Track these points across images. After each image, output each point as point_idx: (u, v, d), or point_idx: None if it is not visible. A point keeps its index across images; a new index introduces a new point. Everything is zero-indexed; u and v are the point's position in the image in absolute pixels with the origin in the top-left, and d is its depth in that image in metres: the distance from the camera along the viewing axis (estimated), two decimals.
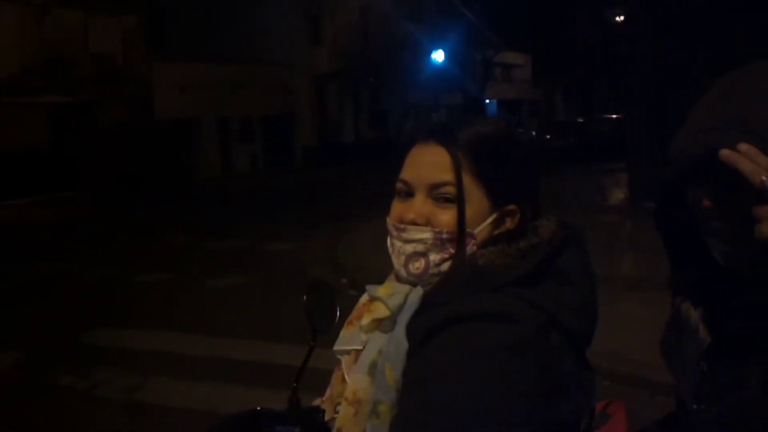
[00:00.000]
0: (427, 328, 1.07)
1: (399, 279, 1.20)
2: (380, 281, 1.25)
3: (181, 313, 7.75)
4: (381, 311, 1.16)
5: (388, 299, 1.16)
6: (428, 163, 1.16)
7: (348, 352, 1.21)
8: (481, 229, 1.16)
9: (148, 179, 20.78)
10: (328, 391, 1.29)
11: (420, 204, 1.16)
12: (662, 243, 1.27)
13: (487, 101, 39.68)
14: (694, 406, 1.20)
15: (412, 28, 29.92)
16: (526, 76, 47.12)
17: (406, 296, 1.16)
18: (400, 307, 1.15)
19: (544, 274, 1.11)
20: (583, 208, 12.93)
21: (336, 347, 1.23)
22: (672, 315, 1.26)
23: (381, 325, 1.16)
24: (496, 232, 1.16)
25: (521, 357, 1.02)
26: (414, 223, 1.16)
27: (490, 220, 1.16)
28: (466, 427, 0.97)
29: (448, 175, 1.14)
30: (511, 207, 1.17)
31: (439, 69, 31.01)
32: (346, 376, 1.19)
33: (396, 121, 35.06)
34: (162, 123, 24.28)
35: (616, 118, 28.92)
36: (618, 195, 15.55)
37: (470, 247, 1.15)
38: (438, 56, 30.79)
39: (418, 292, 1.16)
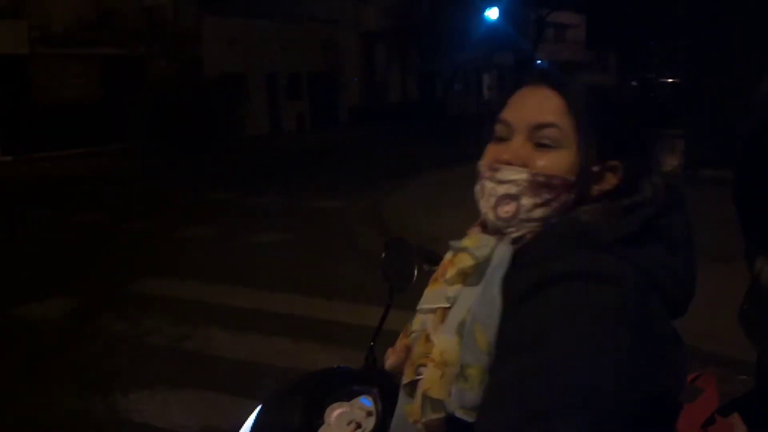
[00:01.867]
0: (530, 284, 1.01)
1: (484, 225, 1.15)
2: (424, 241, 1.20)
3: (228, 266, 7.83)
4: (467, 261, 1.10)
5: (474, 249, 1.11)
6: (535, 105, 1.12)
7: (433, 311, 1.14)
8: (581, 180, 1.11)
9: (195, 134, 20.96)
10: (400, 347, 1.21)
11: (518, 145, 1.11)
12: (718, 210, 1.26)
13: (539, 62, 38.99)
14: None
15: None
16: (580, 37, 46.16)
17: (492, 249, 1.10)
18: (487, 259, 1.09)
19: (648, 235, 1.06)
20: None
21: (420, 306, 1.17)
22: (751, 284, 1.21)
23: (468, 278, 1.10)
24: (597, 187, 1.11)
25: (624, 322, 0.97)
26: (509, 164, 1.11)
27: (597, 169, 1.11)
28: (574, 396, 0.92)
29: (554, 117, 1.09)
30: (615, 163, 1.11)
31: (492, 27, 30.48)
32: (431, 336, 1.11)
33: (444, 82, 34.69)
34: (211, 78, 24.40)
35: (672, 82, 28.18)
36: (672, 162, 15.21)
37: (566, 195, 1.09)
38: (492, 14, 30.23)
39: (507, 247, 1.09)
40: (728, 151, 11.79)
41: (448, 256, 1.17)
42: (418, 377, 1.11)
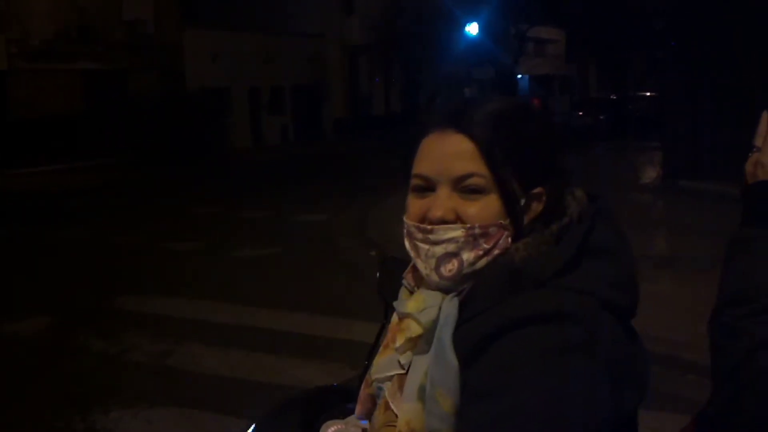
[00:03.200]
0: (481, 337, 0.99)
1: (429, 285, 1.11)
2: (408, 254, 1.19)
3: (210, 281, 7.80)
4: (414, 329, 1.08)
5: (419, 315, 1.08)
6: (449, 155, 1.08)
7: (390, 378, 1.13)
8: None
9: (178, 148, 20.89)
10: (363, 397, 1.22)
11: (445, 198, 1.08)
12: (699, 222, 1.26)
13: (519, 76, 39.25)
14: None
15: (446, 0, 29.58)
16: (560, 52, 46.50)
17: (440, 308, 1.07)
18: (435, 322, 1.06)
19: (582, 254, 1.04)
20: (615, 186, 12.78)
21: (375, 375, 1.16)
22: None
23: (417, 345, 1.08)
24: (526, 218, 1.08)
25: (586, 355, 0.96)
26: (443, 221, 1.07)
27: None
28: None
29: (473, 165, 1.06)
30: (538, 189, 1.08)
31: (473, 42, 30.67)
32: (391, 404, 1.10)
33: (427, 95, 34.83)
34: (193, 92, 24.34)
35: (650, 95, 28.49)
36: (651, 173, 15.35)
37: (504, 239, 1.07)
38: (472, 29, 30.45)
39: (453, 301, 1.07)
40: (704, 162, 11.89)
41: (395, 320, 1.16)
42: None
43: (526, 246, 1.05)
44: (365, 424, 1.24)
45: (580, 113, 28.74)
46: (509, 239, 1.07)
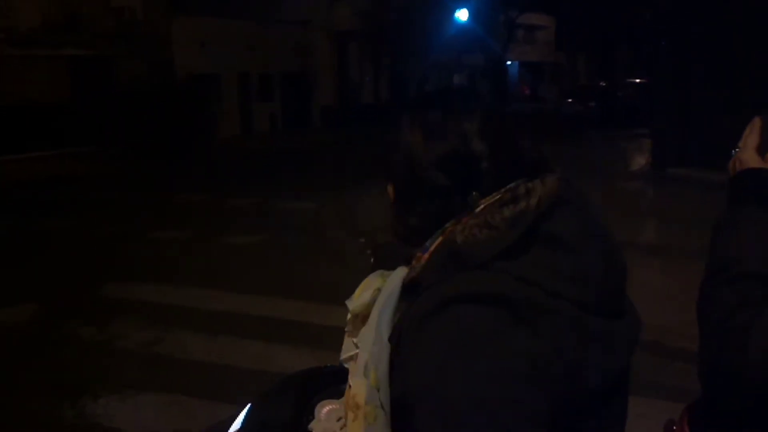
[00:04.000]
0: (418, 316, 1.01)
1: None
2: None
3: (198, 269, 7.79)
4: (348, 315, 1.19)
5: (353, 302, 1.17)
6: None
7: (353, 359, 1.18)
8: None
9: (166, 135, 20.77)
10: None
11: None
12: (688, 210, 1.30)
13: (509, 63, 39.25)
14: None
15: None
16: (549, 39, 46.48)
17: (375, 291, 1.13)
18: (369, 305, 1.13)
19: (532, 241, 1.02)
20: (604, 174, 12.82)
21: (341, 357, 1.23)
22: None
23: (352, 327, 1.18)
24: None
25: (514, 340, 0.95)
26: None
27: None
28: (468, 421, 0.93)
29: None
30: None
31: (462, 28, 30.62)
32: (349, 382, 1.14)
33: (417, 82, 34.78)
34: (181, 79, 24.20)
35: (639, 82, 28.54)
36: (640, 161, 15.40)
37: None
38: (462, 15, 30.39)
39: (396, 277, 1.11)
40: (692, 150, 11.96)
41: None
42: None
43: (470, 227, 1.03)
44: None
45: (570, 100, 28.77)
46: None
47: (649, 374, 4.23)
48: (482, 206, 1.05)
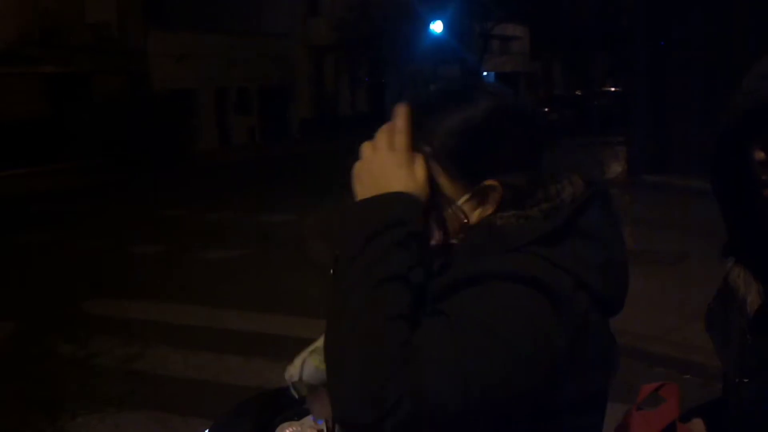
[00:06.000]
0: (445, 285, 1.00)
1: None
2: None
3: (178, 284, 7.75)
4: None
5: None
6: None
7: None
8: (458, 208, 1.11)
9: (144, 150, 20.66)
10: (311, 420, 1.30)
11: None
12: (662, 216, 1.26)
13: (485, 74, 39.47)
14: (736, 380, 1.17)
15: None
16: (524, 49, 46.84)
17: None
18: None
19: (566, 233, 1.05)
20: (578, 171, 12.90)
21: None
22: (721, 285, 1.22)
23: None
24: (482, 209, 1.10)
25: (549, 323, 0.97)
26: None
27: (464, 198, 1.09)
28: (493, 386, 0.93)
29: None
30: (489, 182, 1.09)
31: (438, 40, 30.76)
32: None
33: (393, 94, 34.87)
34: (158, 94, 24.10)
35: (614, 91, 28.81)
36: (616, 168, 15.52)
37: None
38: (436, 27, 30.53)
39: None
40: (668, 157, 12.02)
41: None
42: None
43: (509, 216, 1.07)
44: (321, 424, 1.24)
45: (546, 110, 28.96)
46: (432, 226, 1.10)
47: (626, 379, 4.25)
48: (516, 200, 1.09)
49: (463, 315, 0.96)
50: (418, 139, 1.11)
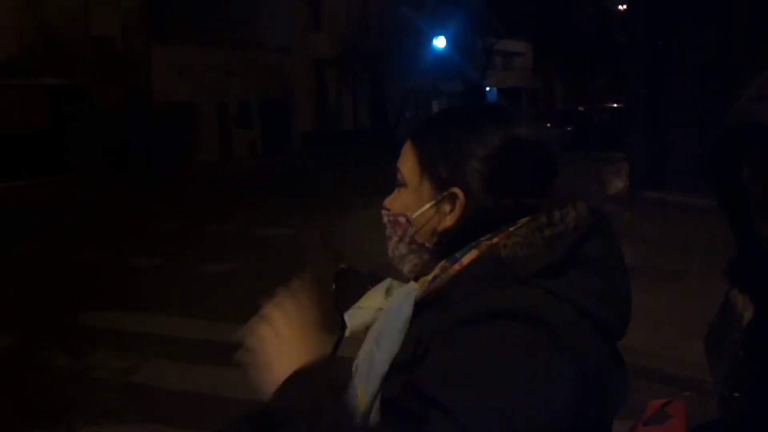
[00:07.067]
0: (456, 324, 1.01)
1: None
2: (375, 267, 1.25)
3: (177, 296, 7.73)
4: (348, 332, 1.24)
5: (350, 319, 1.24)
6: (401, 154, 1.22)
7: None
8: (420, 213, 1.15)
9: (145, 163, 20.71)
10: None
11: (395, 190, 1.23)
12: (661, 233, 1.26)
13: (488, 89, 39.59)
14: (726, 394, 1.16)
15: (413, 14, 29.74)
16: (526, 65, 47.02)
17: (375, 312, 1.18)
18: (369, 324, 1.18)
19: (570, 262, 1.06)
20: (581, 197, 12.90)
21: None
22: (723, 301, 1.22)
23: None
24: (451, 216, 1.13)
25: (558, 361, 0.98)
26: (384, 207, 1.23)
27: (428, 205, 1.14)
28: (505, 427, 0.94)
29: (403, 162, 1.20)
30: (453, 190, 1.12)
31: (440, 55, 30.87)
32: None
33: (395, 109, 34.97)
34: (160, 107, 24.17)
35: (615, 107, 28.86)
36: (617, 184, 15.53)
37: (406, 229, 1.17)
38: (439, 42, 30.64)
39: (402, 294, 1.15)
40: (669, 173, 12.02)
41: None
42: None
43: (513, 244, 1.07)
44: None
45: (548, 125, 29.02)
46: (413, 229, 1.16)
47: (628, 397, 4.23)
48: (519, 225, 1.09)
49: (458, 399, 0.96)
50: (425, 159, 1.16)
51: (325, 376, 1.18)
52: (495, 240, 1.08)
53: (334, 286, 1.53)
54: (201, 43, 26.20)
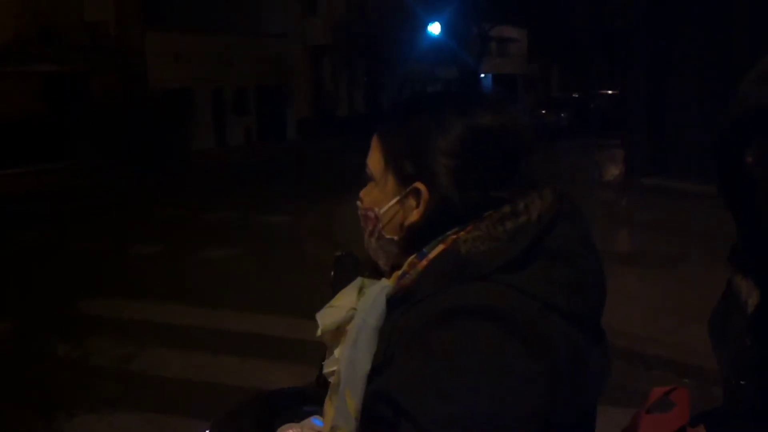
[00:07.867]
0: (419, 325, 1.01)
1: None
2: None
3: (175, 284, 7.73)
4: (318, 331, 1.19)
5: (321, 317, 1.19)
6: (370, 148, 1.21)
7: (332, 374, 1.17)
8: (387, 209, 1.14)
9: (141, 150, 20.63)
10: (312, 421, 1.27)
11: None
12: (659, 219, 1.24)
13: (483, 75, 39.51)
14: (733, 381, 1.16)
15: (408, 0, 29.62)
16: (522, 51, 46.88)
17: (350, 309, 1.14)
18: (342, 323, 1.14)
19: (534, 255, 1.03)
20: (578, 183, 12.91)
21: (324, 371, 1.22)
22: (726, 288, 1.21)
23: (329, 339, 1.18)
24: (417, 210, 1.11)
25: (517, 359, 0.96)
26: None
27: (393, 201, 1.13)
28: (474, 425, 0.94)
29: (372, 156, 1.18)
30: (416, 185, 1.10)
31: (435, 42, 30.77)
32: (327, 401, 1.15)
33: (391, 95, 34.88)
34: (155, 93, 24.06)
35: (612, 93, 28.85)
36: (613, 171, 15.54)
37: (375, 224, 1.16)
38: (434, 28, 30.54)
39: (376, 291, 1.12)
40: (666, 160, 12.04)
41: None
42: None
43: (474, 239, 1.05)
44: (321, 426, 1.24)
45: (543, 112, 28.98)
46: (380, 225, 1.16)
47: (626, 383, 4.26)
48: (484, 218, 1.07)
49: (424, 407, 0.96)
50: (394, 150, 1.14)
51: None
52: (461, 234, 1.06)
53: (332, 274, 1.53)
54: (196, 30, 26.06)
